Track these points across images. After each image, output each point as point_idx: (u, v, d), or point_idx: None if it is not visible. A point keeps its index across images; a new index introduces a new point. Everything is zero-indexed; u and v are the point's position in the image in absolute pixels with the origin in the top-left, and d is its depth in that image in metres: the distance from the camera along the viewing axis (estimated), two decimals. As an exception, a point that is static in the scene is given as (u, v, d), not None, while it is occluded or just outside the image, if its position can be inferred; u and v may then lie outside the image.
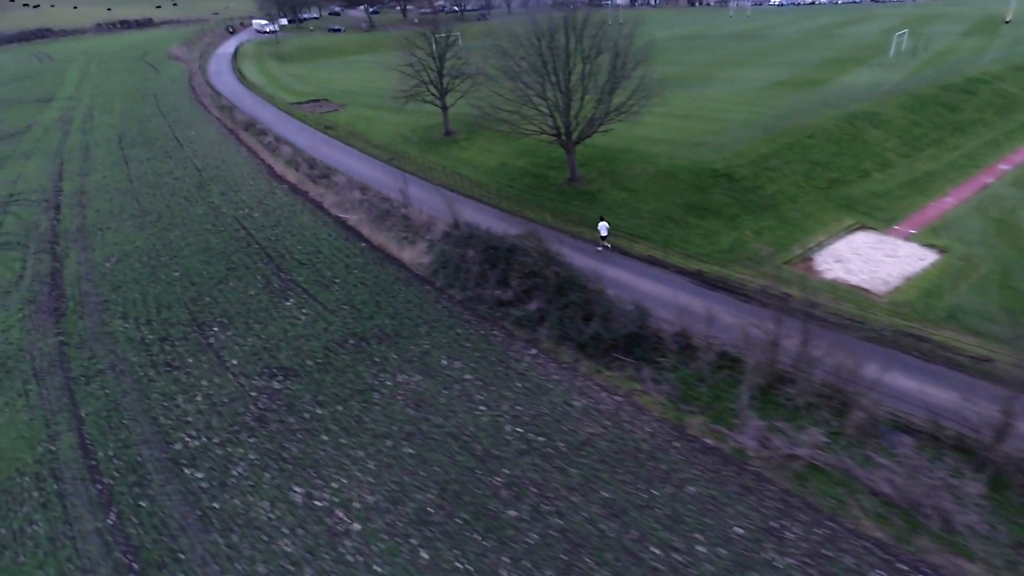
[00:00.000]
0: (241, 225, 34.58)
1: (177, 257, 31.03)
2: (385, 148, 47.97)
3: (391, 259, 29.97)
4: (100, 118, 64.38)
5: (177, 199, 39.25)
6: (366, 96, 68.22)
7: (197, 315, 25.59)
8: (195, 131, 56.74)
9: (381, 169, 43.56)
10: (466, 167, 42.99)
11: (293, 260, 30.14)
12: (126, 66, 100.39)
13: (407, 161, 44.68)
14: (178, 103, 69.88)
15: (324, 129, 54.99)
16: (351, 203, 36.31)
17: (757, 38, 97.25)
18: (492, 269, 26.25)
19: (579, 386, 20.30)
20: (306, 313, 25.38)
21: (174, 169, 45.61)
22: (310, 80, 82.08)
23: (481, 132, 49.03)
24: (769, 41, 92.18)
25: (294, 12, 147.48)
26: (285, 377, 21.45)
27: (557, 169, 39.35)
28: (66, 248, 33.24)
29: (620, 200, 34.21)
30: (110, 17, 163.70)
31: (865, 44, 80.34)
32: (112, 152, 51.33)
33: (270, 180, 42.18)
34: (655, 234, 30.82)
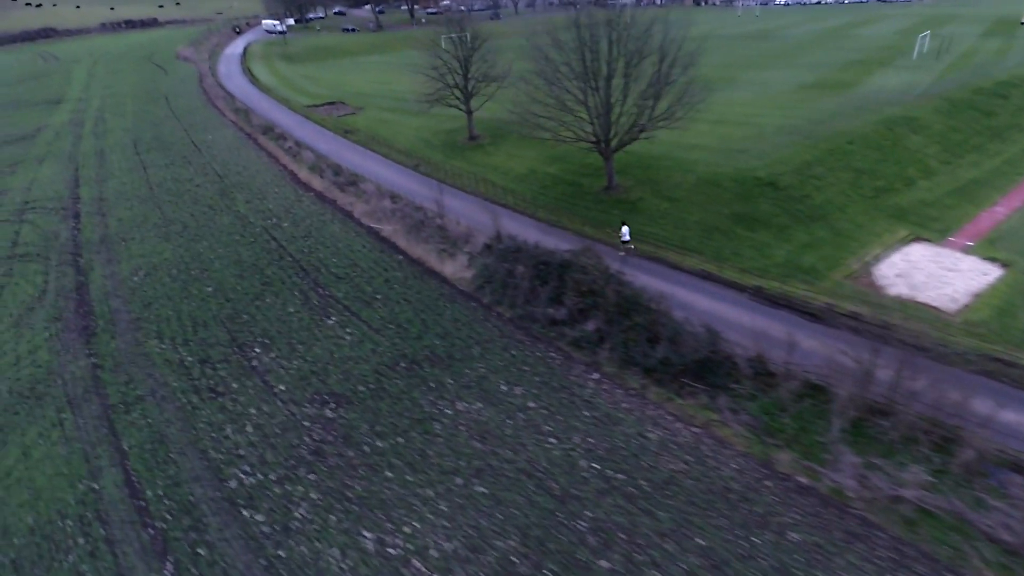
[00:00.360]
0: (271, 236, 33.22)
1: (208, 271, 29.67)
2: (409, 154, 46.60)
3: (431, 273, 28.66)
4: (112, 121, 62.86)
5: (201, 208, 37.86)
6: (382, 99, 66.81)
7: (236, 335, 24.26)
8: (212, 135, 55.29)
9: (408, 176, 42.21)
10: (495, 173, 41.66)
11: (330, 274, 28.81)
12: (134, 67, 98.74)
13: (433, 167, 43.33)
14: (191, 105, 68.37)
15: (344, 133, 53.59)
16: (382, 212, 34.96)
17: (770, 39, 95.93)
18: (543, 286, 24.97)
19: (651, 416, 19.03)
20: (351, 333, 24.06)
21: (194, 175, 44.19)
22: (322, 82, 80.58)
23: (507, 136, 47.73)
24: (783, 42, 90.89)
25: (300, 12, 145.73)
26: (337, 404, 20.15)
27: (592, 176, 38.06)
28: (90, 260, 31.86)
29: (662, 210, 32.92)
30: (114, 16, 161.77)
31: (883, 45, 79.09)
32: (128, 157, 49.88)
33: (295, 187, 40.80)
34: (704, 246, 29.53)
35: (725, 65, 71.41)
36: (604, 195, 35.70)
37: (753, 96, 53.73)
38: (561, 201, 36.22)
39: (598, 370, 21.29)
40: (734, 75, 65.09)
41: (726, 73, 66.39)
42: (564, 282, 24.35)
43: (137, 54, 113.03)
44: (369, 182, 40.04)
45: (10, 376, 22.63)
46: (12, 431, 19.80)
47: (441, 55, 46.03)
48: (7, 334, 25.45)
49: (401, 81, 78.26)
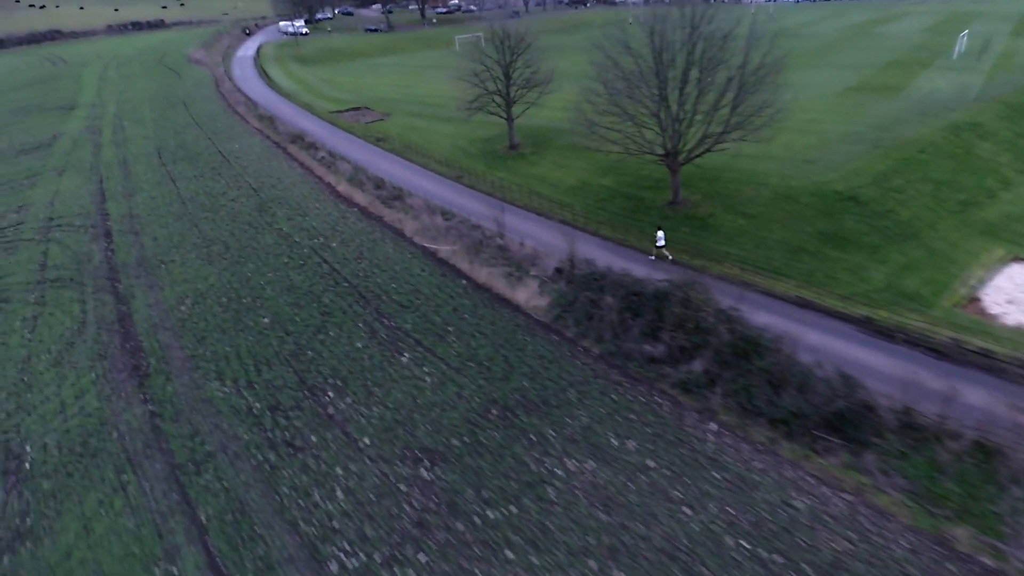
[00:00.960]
0: (321, 257, 30.88)
1: (261, 298, 27.33)
2: (448, 164, 44.19)
3: (501, 300, 26.36)
4: (132, 129, 60.31)
5: (240, 225, 35.48)
6: (408, 104, 64.31)
7: (304, 375, 21.95)
8: (238, 144, 52.81)
9: (453, 189, 39.83)
10: (543, 186, 39.30)
11: (392, 302, 26.48)
12: (146, 70, 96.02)
13: (477, 179, 40.94)
14: (211, 112, 65.82)
15: (376, 142, 51.15)
16: (436, 231, 32.62)
17: (795, 37, 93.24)
18: (635, 319, 22.68)
19: (790, 478, 16.77)
20: (429, 373, 21.76)
21: (227, 189, 41.77)
22: (342, 85, 78.00)
23: (549, 145, 45.38)
24: (809, 41, 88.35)
25: (310, 12, 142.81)
26: (432, 462, 17.87)
27: (652, 189, 35.72)
28: (129, 286, 29.49)
29: (738, 227, 30.60)
30: (120, 18, 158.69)
31: (916, 44, 76.63)
32: (154, 168, 47.41)
33: (336, 202, 38.41)
34: (792, 269, 27.23)
35: (759, 66, 68.69)
36: (670, 210, 33.37)
37: (802, 100, 51.26)
38: (623, 217, 33.89)
39: (714, 419, 19.02)
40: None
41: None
42: (661, 315, 22.06)
43: (147, 57, 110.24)
44: (415, 196, 37.64)
45: (57, 427, 20.33)
46: (67, 498, 17.50)
47: (484, 60, 43.48)
48: (48, 375, 23.13)
49: (422, 84, 75.85)
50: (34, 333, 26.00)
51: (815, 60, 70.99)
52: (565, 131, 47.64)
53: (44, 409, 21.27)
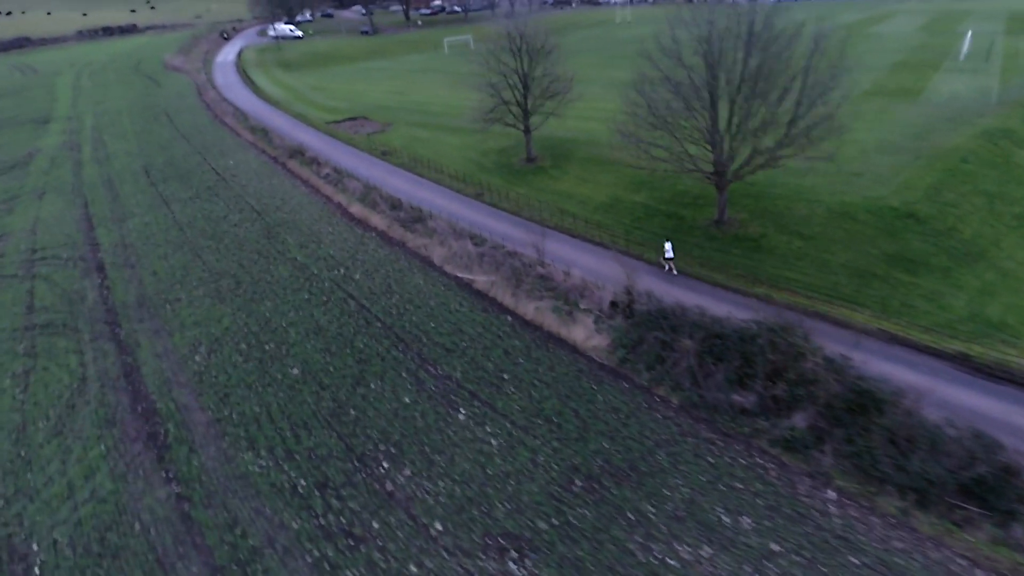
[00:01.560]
0: (345, 292, 27.98)
1: (285, 343, 24.37)
2: (465, 179, 41.44)
3: (554, 339, 23.84)
4: (114, 144, 56.22)
5: (248, 254, 32.33)
6: (407, 112, 61.26)
7: (351, 440, 19.15)
8: (232, 160, 49.30)
9: (474, 208, 37.11)
10: (571, 203, 36.83)
11: (434, 345, 23.76)
12: (122, 78, 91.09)
13: (498, 197, 38.29)
14: (198, 123, 61.91)
15: (382, 155, 48.13)
16: (467, 258, 29.93)
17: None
18: (718, 363, 20.35)
19: (938, 559, 14.59)
20: (494, 434, 19.15)
21: (228, 211, 38.44)
22: (335, 93, 74.50)
23: (570, 157, 42.93)
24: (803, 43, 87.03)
25: (290, 14, 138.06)
26: (520, 553, 15.29)
27: (692, 207, 33.51)
28: (132, 332, 26.24)
29: (796, 250, 28.51)
30: (90, 23, 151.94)
31: (916, 45, 75.93)
32: (143, 189, 43.76)
33: (350, 226, 35.44)
34: (863, 296, 25.18)
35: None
36: (716, 230, 31.17)
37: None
38: (661, 238, 31.53)
39: (830, 485, 16.76)
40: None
41: None
42: (749, 360, 19.75)
43: (122, 64, 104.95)
44: (437, 218, 34.82)
45: (67, 518, 17.23)
46: (90, 615, 14.51)
47: (500, 68, 40.77)
48: (49, 448, 19.94)
49: (417, 90, 72.78)
50: (27, 393, 22.69)
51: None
52: (584, 142, 45.41)
53: (49, 493, 18.13)
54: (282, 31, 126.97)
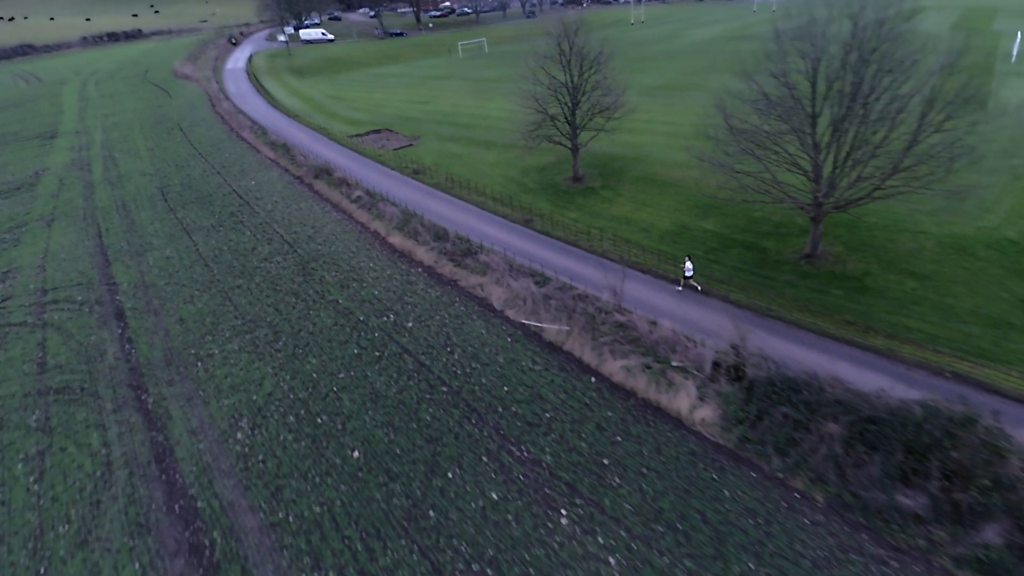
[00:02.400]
0: (399, 345, 24.43)
1: (339, 415, 20.84)
2: (509, 202, 37.82)
3: (651, 408, 20.30)
4: (126, 163, 52.68)
5: (284, 296, 28.80)
6: (434, 124, 57.59)
7: (437, 558, 15.62)
8: (254, 179, 45.73)
9: (525, 237, 33.50)
10: (631, 229, 33.21)
11: (512, 417, 20.22)
12: (131, 88, 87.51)
13: (551, 224, 34.67)
14: (214, 138, 58.33)
15: (414, 174, 44.50)
16: (531, 300, 26.35)
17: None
18: (871, 452, 16.76)
19: None
20: (608, 547, 15.61)
21: (255, 242, 34.90)
22: (353, 102, 70.85)
23: (621, 177, 39.28)
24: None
25: (298, 18, 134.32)
26: None
27: (773, 237, 29.86)
28: (160, 399, 22.73)
29: (910, 292, 24.85)
30: (95, 29, 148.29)
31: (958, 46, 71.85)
32: (161, 216, 40.22)
33: (392, 260, 31.87)
34: (1004, 351, 21.54)
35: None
36: (809, 266, 27.52)
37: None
38: (746, 274, 27.92)
39: (1052, 627, 13.15)
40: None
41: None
42: (918, 454, 16.16)
43: (130, 72, 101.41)
44: (490, 251, 31.22)
45: (98, 668, 13.72)
46: None
47: (550, 82, 37.10)
48: (72, 565, 16.43)
49: (441, 99, 69.07)
50: (43, 483, 19.20)
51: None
52: (634, 159, 41.77)
53: (73, 633, 14.62)
54: (312, 35, 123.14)
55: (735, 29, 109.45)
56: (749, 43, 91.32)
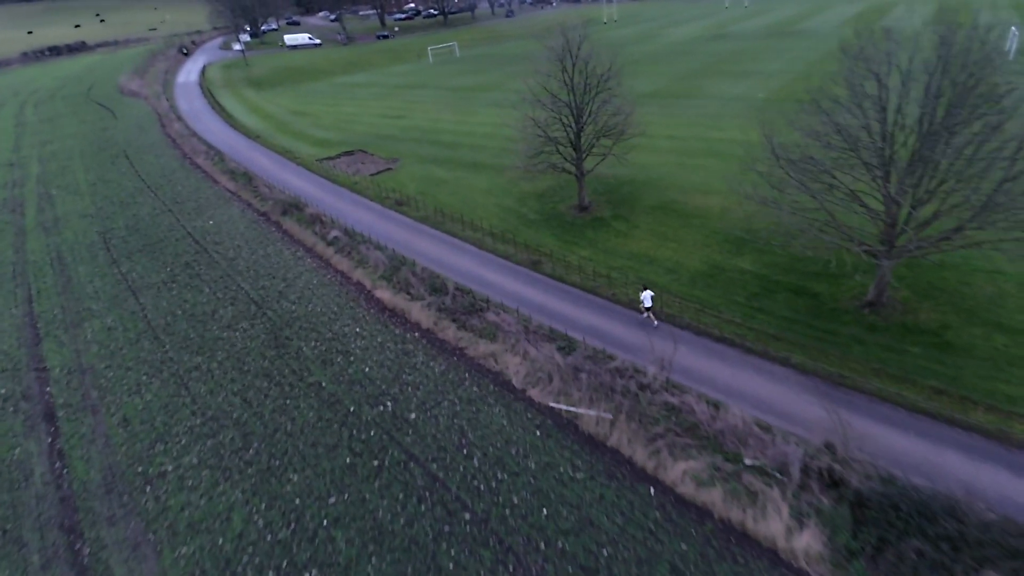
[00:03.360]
0: (403, 450, 19.59)
1: (334, 566, 15.92)
2: (510, 239, 33.15)
3: (734, 534, 15.95)
4: (64, 201, 46.19)
5: (254, 380, 23.60)
6: (412, 142, 52.45)
7: None
8: (211, 218, 40.02)
9: (536, 284, 28.89)
10: (655, 271, 28.91)
11: (561, 559, 15.64)
12: (73, 108, 79.74)
13: (561, 266, 30.13)
14: (164, 167, 52.04)
15: (397, 206, 39.41)
16: (555, 374, 21.81)
17: (802, 36, 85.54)
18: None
19: None
20: None
21: (216, 303, 29.47)
22: (320, 119, 65.06)
23: (634, 205, 35.01)
24: (822, 40, 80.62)
25: (254, 24, 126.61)
26: None
27: (825, 280, 25.88)
28: (99, 548, 17.45)
29: (1002, 350, 21.14)
30: (36, 43, 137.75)
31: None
32: (102, 270, 34.32)
33: (384, 321, 26.91)
34: None
35: (807, 75, 60.18)
36: (873, 316, 23.58)
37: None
38: (800, 326, 23.88)
39: None
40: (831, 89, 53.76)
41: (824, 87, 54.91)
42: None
43: (72, 90, 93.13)
44: (502, 310, 26.49)
45: None
46: None
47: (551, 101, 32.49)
48: None
49: (416, 112, 63.82)
50: None
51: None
52: (644, 183, 37.46)
53: None
54: (299, 40, 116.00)
55: (711, 27, 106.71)
56: (729, 43, 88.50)
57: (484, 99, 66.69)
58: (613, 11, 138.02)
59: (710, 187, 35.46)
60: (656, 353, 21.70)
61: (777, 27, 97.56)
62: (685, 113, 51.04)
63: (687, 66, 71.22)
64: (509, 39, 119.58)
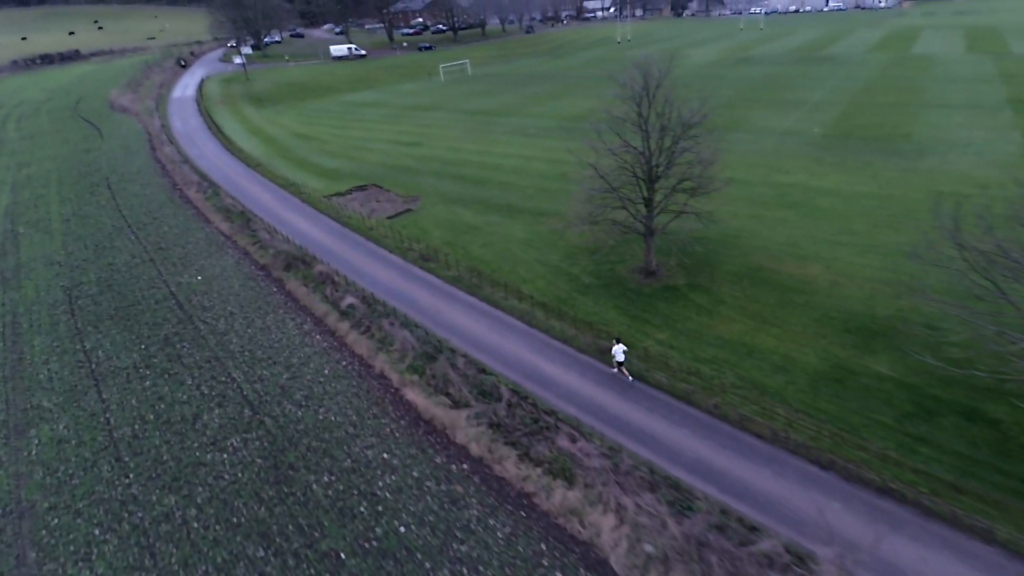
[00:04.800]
0: None
1: None
2: (566, 314, 26.53)
3: None
4: (31, 244, 39.21)
5: (247, 545, 16.75)
6: (434, 176, 45.88)
7: None
8: (200, 272, 33.20)
9: (614, 388, 22.22)
10: (757, 368, 22.37)
11: None
12: (57, 125, 72.74)
13: (641, 359, 23.49)
14: (150, 200, 45.19)
15: (422, 262, 32.74)
16: (670, 547, 15.12)
17: (834, 63, 79.91)
18: None
19: None
20: None
21: (201, 405, 22.61)
22: (327, 144, 58.43)
23: (712, 269, 28.59)
24: (857, 67, 74.97)
25: (257, 36, 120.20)
26: None
27: (1003, 400, 19.36)
28: None
29: None
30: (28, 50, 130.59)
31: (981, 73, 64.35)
32: (62, 343, 27.41)
33: (420, 442, 20.15)
34: None
35: (847, 110, 54.32)
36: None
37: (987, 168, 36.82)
38: (982, 469, 17.44)
39: None
40: (902, 126, 47.98)
41: (889, 124, 49.22)
42: None
43: (59, 103, 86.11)
44: (580, 434, 19.76)
45: None
46: None
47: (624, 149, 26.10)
48: None
49: (434, 138, 57.21)
50: None
51: (912, 97, 57.05)
52: (719, 241, 30.83)
53: None
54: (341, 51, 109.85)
55: (733, 50, 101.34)
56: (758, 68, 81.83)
57: (504, 125, 60.42)
58: (627, 30, 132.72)
59: (803, 250, 29.14)
60: (824, 524, 15.05)
61: (803, 52, 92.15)
62: (738, 149, 44.85)
63: (722, 93, 65.23)
64: (521, 57, 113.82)
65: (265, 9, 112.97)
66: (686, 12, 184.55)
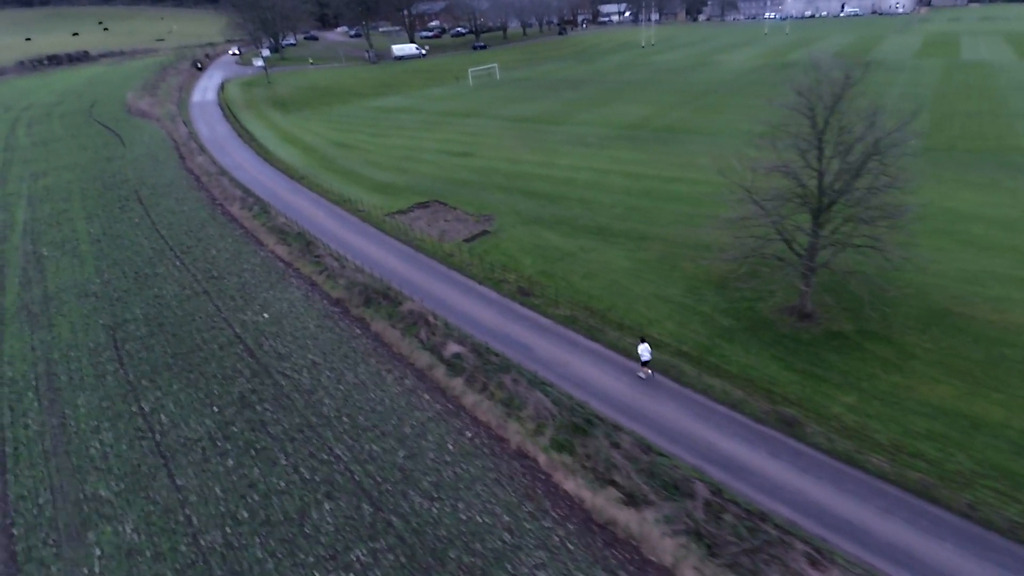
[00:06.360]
0: None
1: None
2: (715, 368, 21.72)
3: None
4: (58, 269, 33.99)
5: None
6: (501, 192, 40.95)
7: None
8: (265, 306, 28.15)
9: (821, 473, 17.47)
10: (987, 445, 17.66)
11: None
12: (73, 131, 67.25)
13: (832, 429, 18.72)
14: (190, 217, 40.05)
15: (520, 296, 27.84)
16: None
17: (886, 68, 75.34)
18: None
19: None
20: None
21: (304, 494, 17.65)
22: (371, 154, 53.35)
23: (880, 314, 23.63)
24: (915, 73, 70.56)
25: (275, 38, 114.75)
26: None
27: None
28: None
29: None
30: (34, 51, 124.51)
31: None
32: (114, 404, 22.30)
33: (602, 555, 15.25)
34: None
35: (947, 119, 49.85)
36: None
37: None
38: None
39: None
40: (999, 137, 43.50)
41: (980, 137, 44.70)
42: None
43: (72, 106, 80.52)
44: (820, 553, 14.92)
45: None
46: None
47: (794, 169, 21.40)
48: None
49: (485, 147, 52.15)
50: None
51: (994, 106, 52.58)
52: (877, 275, 25.85)
53: None
54: (406, 51, 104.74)
55: (768, 55, 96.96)
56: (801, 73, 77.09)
57: (557, 134, 55.55)
58: (651, 34, 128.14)
59: (989, 289, 24.47)
60: None
61: (846, 57, 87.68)
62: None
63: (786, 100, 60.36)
64: (546, 60, 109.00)
65: (283, 10, 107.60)
66: (701, 17, 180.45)
